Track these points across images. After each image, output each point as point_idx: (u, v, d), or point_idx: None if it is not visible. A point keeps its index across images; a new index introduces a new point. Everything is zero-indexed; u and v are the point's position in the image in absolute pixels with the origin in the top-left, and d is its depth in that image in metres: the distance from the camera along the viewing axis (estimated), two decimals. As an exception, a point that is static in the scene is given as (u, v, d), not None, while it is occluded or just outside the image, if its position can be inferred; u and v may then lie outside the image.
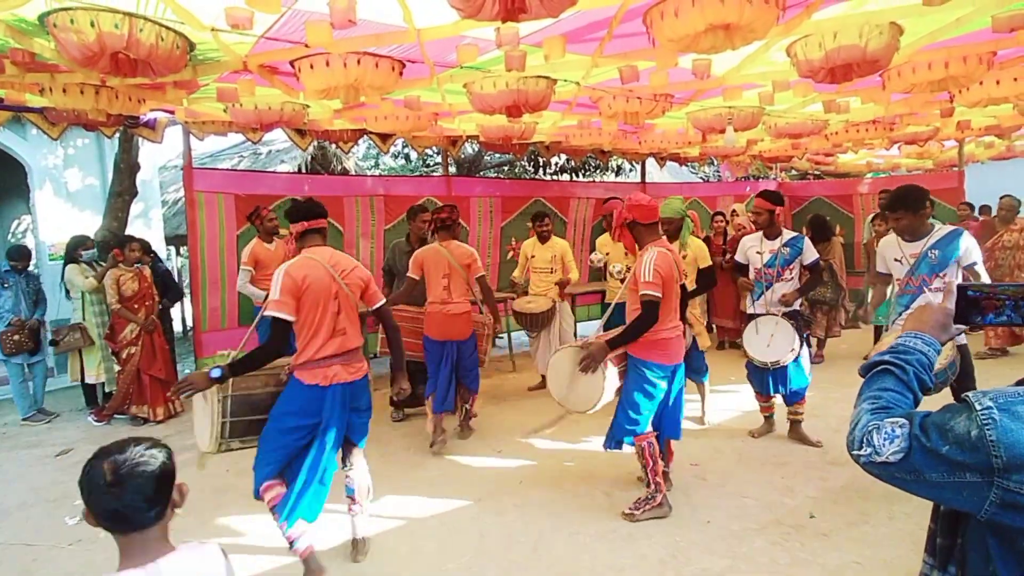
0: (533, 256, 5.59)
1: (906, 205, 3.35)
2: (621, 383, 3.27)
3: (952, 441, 0.96)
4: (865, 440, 1.05)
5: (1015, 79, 4.11)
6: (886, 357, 1.17)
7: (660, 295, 3.03)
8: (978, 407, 0.95)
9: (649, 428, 3.24)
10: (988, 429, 0.93)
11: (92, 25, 2.67)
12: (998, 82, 4.16)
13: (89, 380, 5.50)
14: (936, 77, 3.70)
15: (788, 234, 4.20)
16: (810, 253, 4.12)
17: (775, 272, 4.12)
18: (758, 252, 4.21)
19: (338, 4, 2.64)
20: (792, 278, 4.14)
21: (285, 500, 2.65)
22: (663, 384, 3.22)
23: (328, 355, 2.68)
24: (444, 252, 4.26)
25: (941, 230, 3.40)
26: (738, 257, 4.39)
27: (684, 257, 4.29)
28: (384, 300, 2.96)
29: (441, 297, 4.25)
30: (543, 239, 5.55)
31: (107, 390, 5.53)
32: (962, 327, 1.19)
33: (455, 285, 4.28)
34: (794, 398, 4.21)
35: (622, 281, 4.74)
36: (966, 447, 0.94)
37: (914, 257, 3.41)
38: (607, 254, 5.17)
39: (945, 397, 1.64)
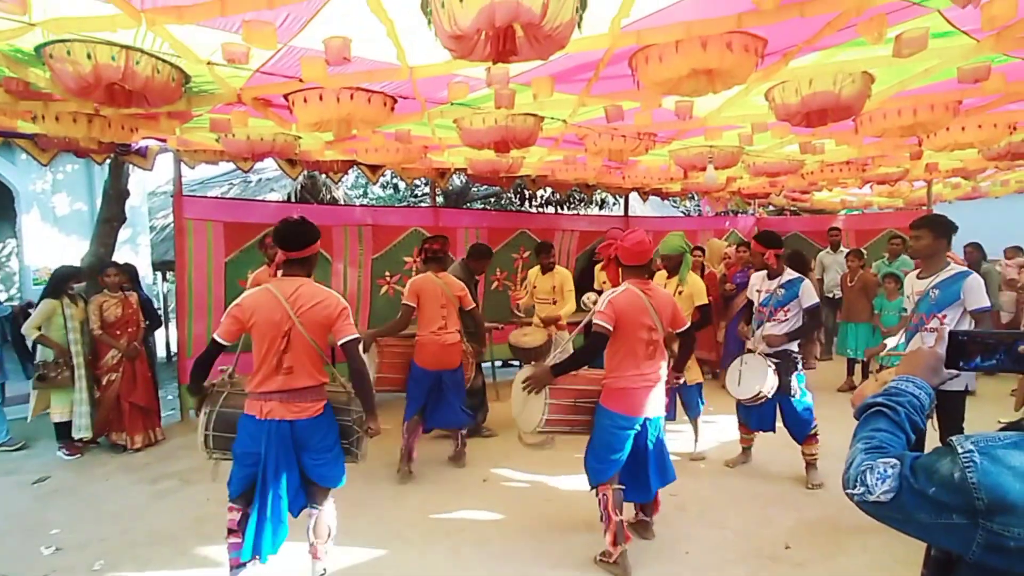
0: (535, 286, 5.66)
1: (931, 226, 3.33)
2: (577, 416, 3.22)
3: (937, 483, 0.98)
4: (859, 479, 1.08)
5: (979, 126, 4.32)
6: (879, 399, 1.20)
7: (609, 327, 2.97)
8: (960, 450, 0.98)
9: (613, 478, 3.08)
10: (970, 472, 0.96)
11: (89, 57, 2.73)
12: (963, 128, 4.36)
13: (54, 418, 5.01)
14: (906, 123, 3.87)
15: (788, 275, 4.09)
16: (808, 297, 3.99)
17: (767, 312, 4.10)
18: (758, 290, 4.22)
19: (334, 42, 2.73)
20: (787, 319, 4.03)
21: (245, 528, 2.71)
22: (624, 435, 3.07)
23: (266, 391, 2.67)
24: (439, 283, 4.33)
25: (950, 270, 3.30)
26: (749, 294, 4.37)
27: (680, 293, 4.28)
28: (352, 336, 2.71)
29: (438, 326, 4.29)
30: (546, 269, 5.61)
31: (76, 436, 5.00)
32: (953, 372, 1.22)
33: (450, 316, 4.34)
34: (797, 437, 4.11)
35: None
36: (950, 489, 0.97)
37: (919, 295, 3.35)
38: (604, 282, 5.23)
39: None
